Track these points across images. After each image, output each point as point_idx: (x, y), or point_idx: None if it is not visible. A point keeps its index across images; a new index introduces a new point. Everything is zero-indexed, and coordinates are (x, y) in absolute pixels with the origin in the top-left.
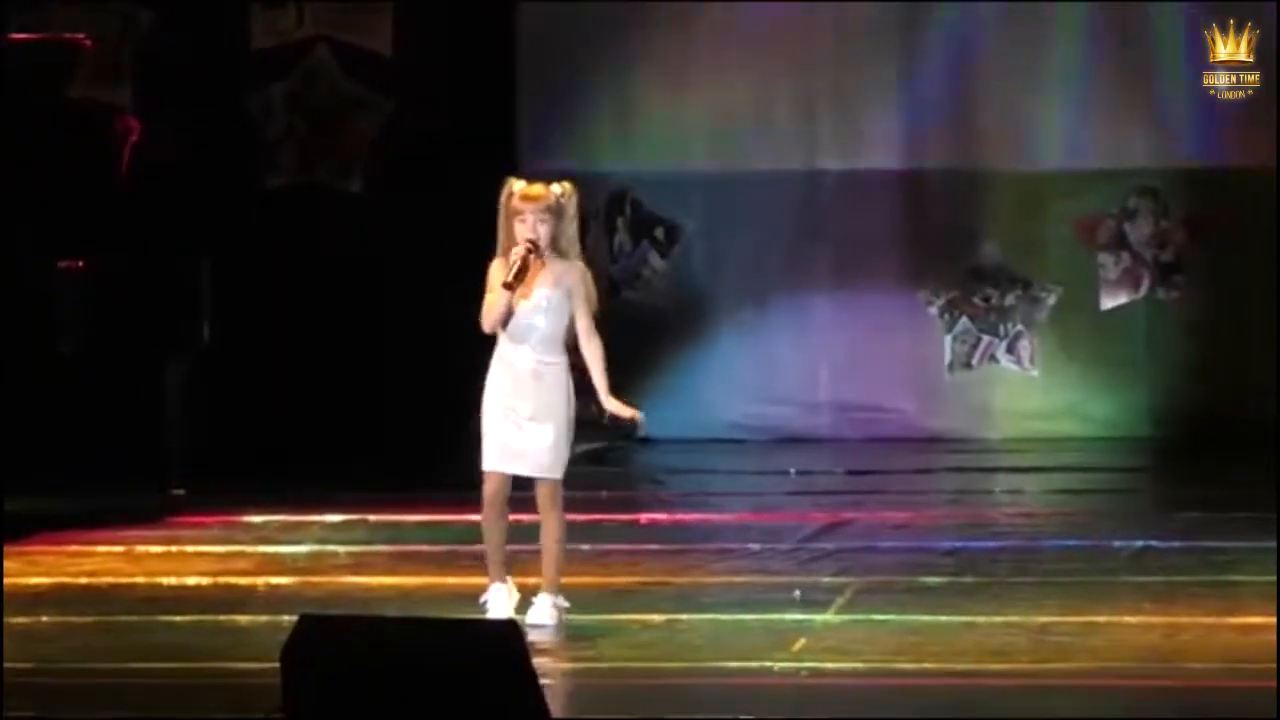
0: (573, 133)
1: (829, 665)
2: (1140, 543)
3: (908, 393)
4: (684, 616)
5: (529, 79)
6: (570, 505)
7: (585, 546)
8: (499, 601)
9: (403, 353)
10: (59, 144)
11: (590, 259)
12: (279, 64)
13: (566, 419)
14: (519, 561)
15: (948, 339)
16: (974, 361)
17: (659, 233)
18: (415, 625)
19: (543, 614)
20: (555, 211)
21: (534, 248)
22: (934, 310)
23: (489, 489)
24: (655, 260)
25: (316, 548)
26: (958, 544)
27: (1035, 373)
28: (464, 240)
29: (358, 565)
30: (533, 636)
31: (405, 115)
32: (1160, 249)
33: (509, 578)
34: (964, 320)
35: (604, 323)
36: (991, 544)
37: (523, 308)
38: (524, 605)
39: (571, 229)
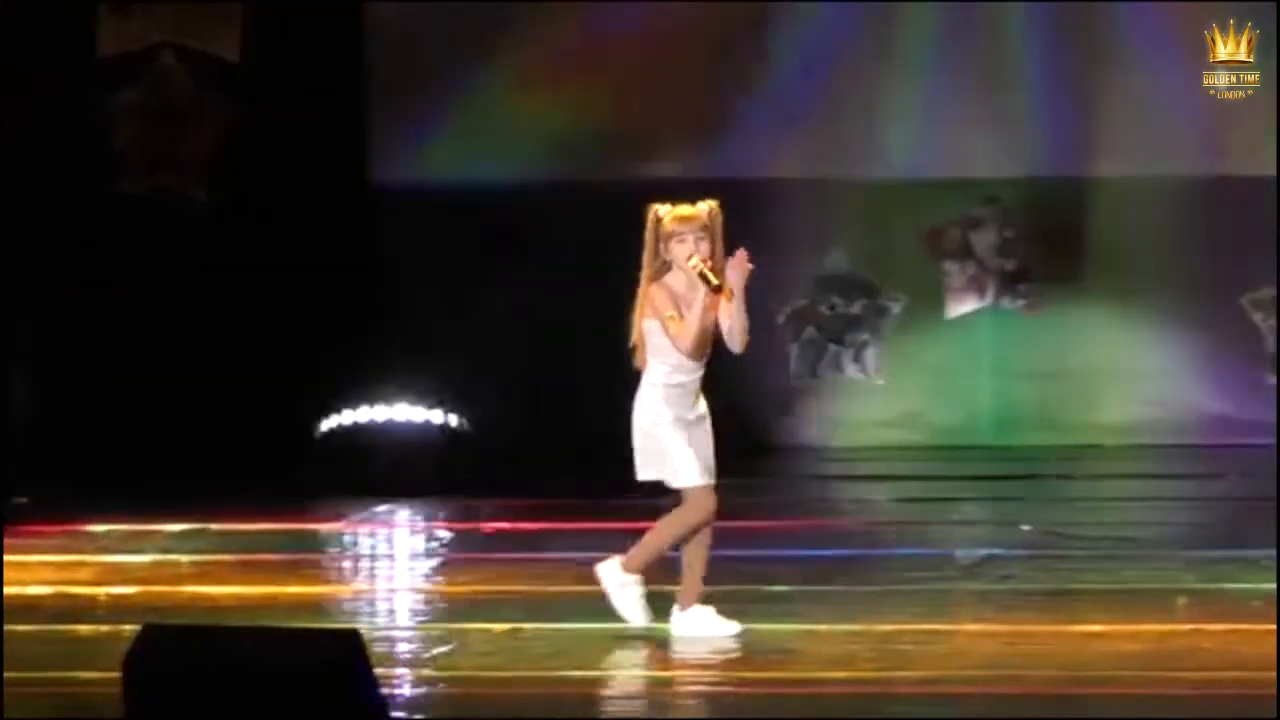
0: (422, 141)
1: (671, 673)
2: (983, 551)
3: (754, 400)
4: (528, 625)
5: (379, 86)
6: (413, 514)
7: (429, 555)
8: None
9: (249, 360)
10: None
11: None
12: (126, 71)
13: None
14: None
15: (794, 347)
16: (820, 370)
17: (506, 242)
18: (257, 635)
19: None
20: (710, 229)
21: (705, 260)
22: (781, 319)
23: (709, 502)
24: (504, 271)
25: (159, 557)
26: (802, 552)
27: (880, 381)
28: (311, 247)
29: (200, 574)
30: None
31: (253, 122)
32: (1005, 258)
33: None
34: (810, 329)
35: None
36: (835, 552)
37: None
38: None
39: (721, 246)
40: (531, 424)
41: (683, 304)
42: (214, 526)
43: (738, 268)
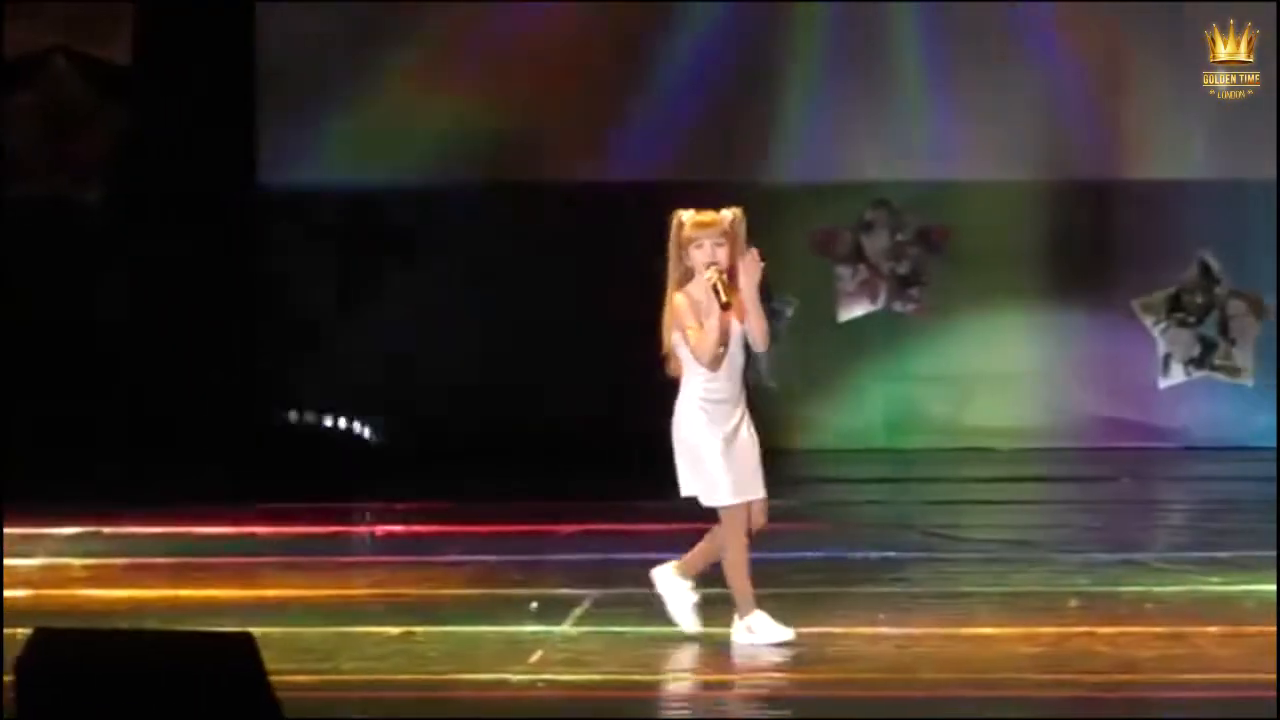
0: (312, 143)
1: (566, 677)
2: (876, 554)
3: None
4: (420, 628)
5: (269, 89)
6: (306, 517)
7: (323, 558)
8: (772, 622)
9: (140, 363)
10: None
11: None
12: (18, 74)
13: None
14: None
15: None
16: None
17: (397, 244)
18: (150, 638)
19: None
20: (730, 236)
21: (721, 270)
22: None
23: (744, 519)
24: (395, 274)
25: (50, 560)
26: None
27: (773, 384)
28: (203, 248)
29: (92, 578)
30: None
31: (145, 124)
32: (896, 261)
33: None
34: None
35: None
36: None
37: (726, 342)
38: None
39: (741, 252)
40: (423, 426)
41: (704, 313)
42: (106, 530)
43: (748, 270)
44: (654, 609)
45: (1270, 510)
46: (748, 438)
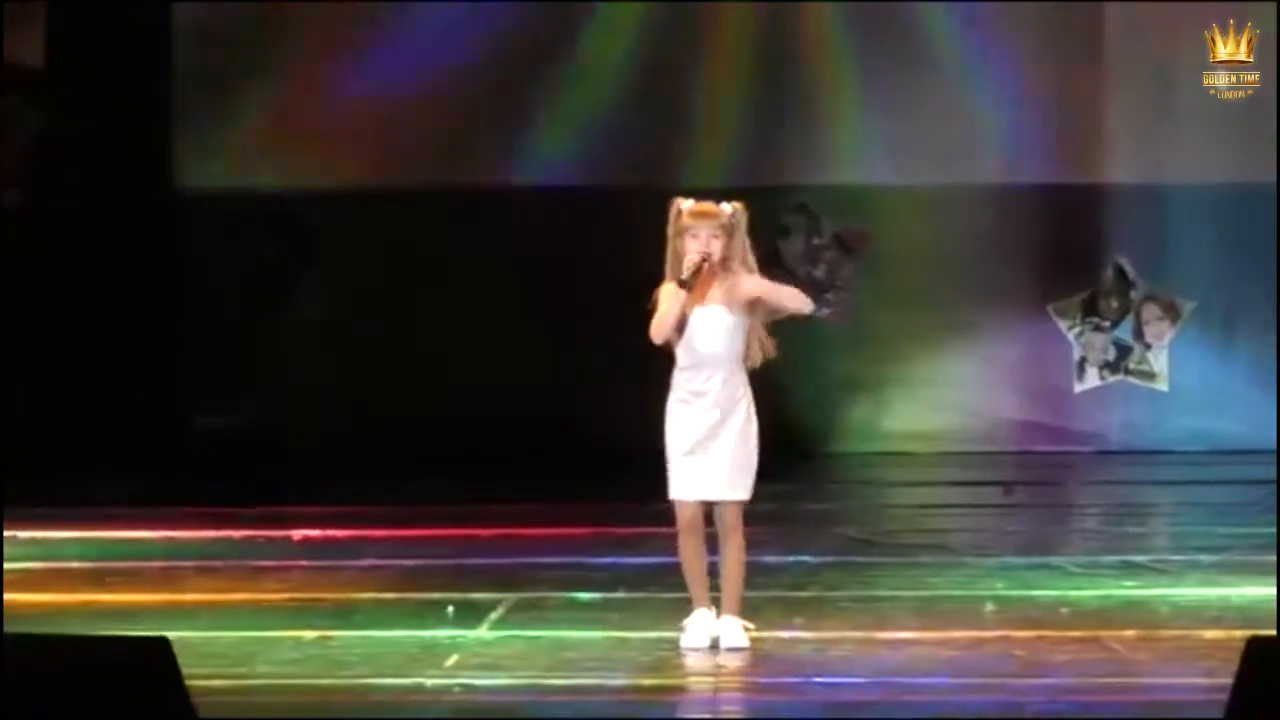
0: (229, 145)
1: (482, 681)
2: (793, 557)
3: (564, 408)
4: (336, 633)
5: (185, 89)
6: (224, 521)
7: (240, 563)
8: (697, 625)
9: (57, 364)
10: None
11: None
12: None
13: (751, 439)
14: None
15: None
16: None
17: (318, 249)
18: (66, 643)
19: (738, 636)
20: (727, 230)
21: (707, 258)
22: (595, 326)
23: (684, 518)
24: (308, 275)
25: None
26: (611, 560)
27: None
28: (120, 251)
29: (9, 582)
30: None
31: (61, 126)
32: (813, 265)
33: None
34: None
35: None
36: (645, 559)
37: (706, 332)
38: None
39: (743, 247)
40: (340, 430)
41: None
42: (21, 534)
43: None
44: (570, 613)
45: (1183, 514)
46: (727, 442)
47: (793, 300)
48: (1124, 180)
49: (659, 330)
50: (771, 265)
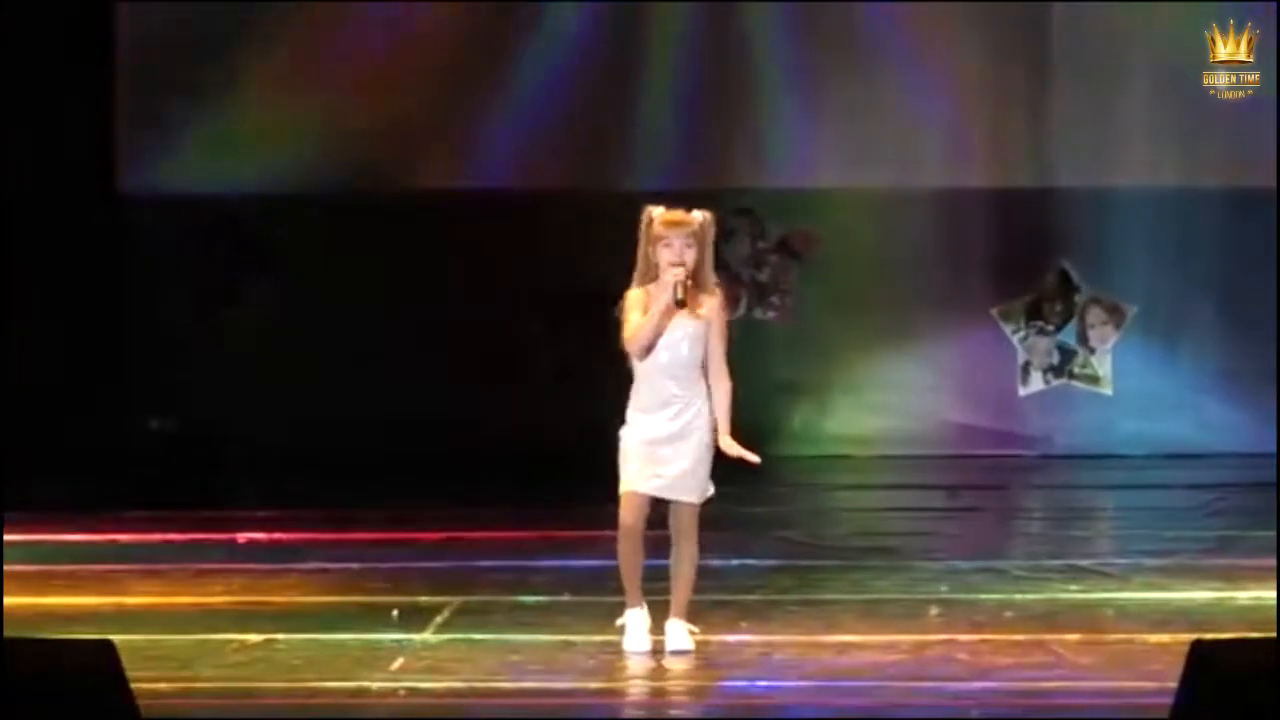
0: (173, 151)
1: (427, 685)
2: (737, 561)
3: (508, 408)
4: (281, 636)
5: (129, 92)
6: (169, 524)
7: (185, 566)
8: (638, 627)
9: (2, 369)
10: None
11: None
12: None
13: (707, 444)
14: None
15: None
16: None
17: (262, 253)
18: (9, 645)
19: (683, 639)
20: (699, 237)
21: (687, 273)
22: (538, 330)
23: (629, 512)
24: (258, 281)
25: None
26: (556, 563)
27: None
28: (64, 257)
29: None
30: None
31: (3, 127)
32: (757, 269)
33: (645, 602)
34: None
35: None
36: (590, 563)
37: (668, 343)
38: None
39: (710, 256)
40: (283, 433)
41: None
42: None
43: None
44: (515, 616)
45: (1127, 518)
46: (685, 445)
47: (719, 361)
48: (1069, 184)
49: (638, 343)
50: (716, 269)
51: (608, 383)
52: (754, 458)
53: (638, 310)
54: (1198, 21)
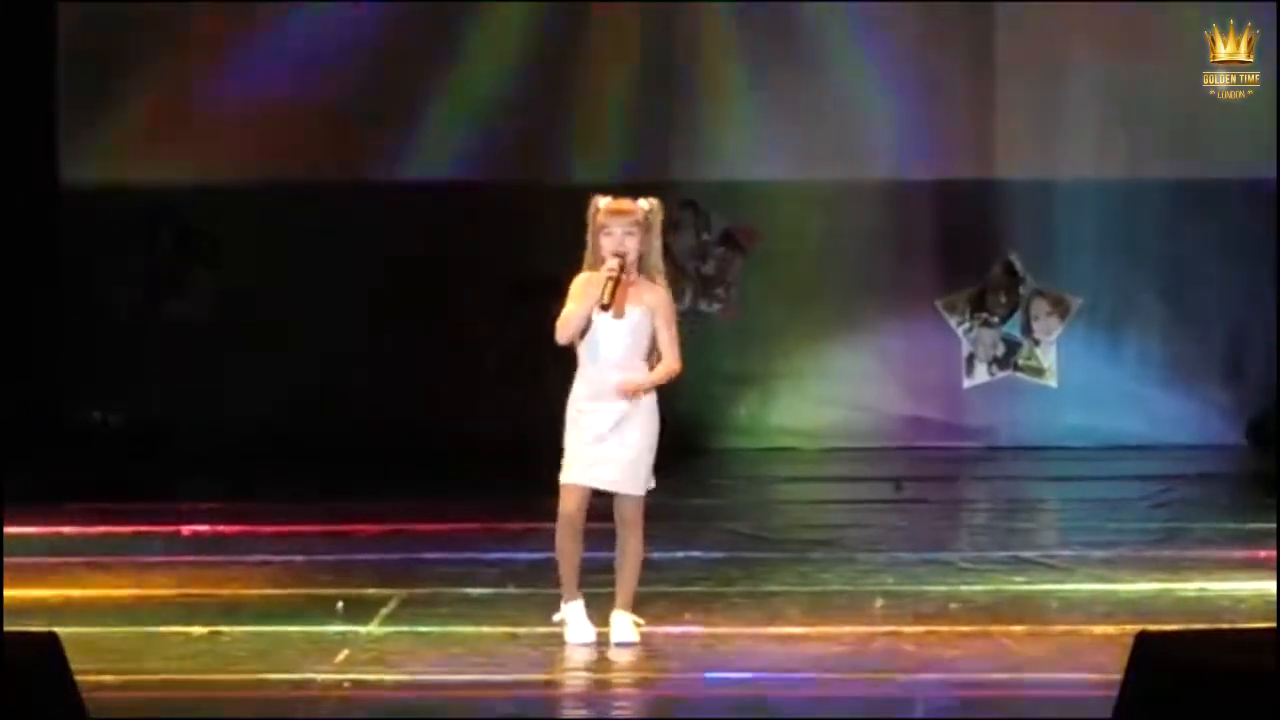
0: (116, 141)
1: (372, 677)
2: (682, 553)
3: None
4: (226, 628)
5: (70, 86)
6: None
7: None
8: (579, 619)
9: None
10: None
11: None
12: None
13: (650, 435)
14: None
15: (491, 354)
16: (517, 375)
17: (203, 245)
18: None
19: (628, 631)
20: (643, 226)
21: (622, 264)
22: (484, 322)
23: (569, 503)
24: (201, 273)
25: None
26: (502, 555)
27: None
28: (5, 247)
29: None
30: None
31: None
32: (701, 261)
33: (581, 594)
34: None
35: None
36: (535, 555)
37: (608, 332)
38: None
39: (657, 245)
40: (227, 426)
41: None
42: None
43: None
44: (460, 609)
45: (1072, 510)
46: (630, 432)
47: (667, 360)
48: (1013, 176)
49: (564, 332)
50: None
51: (552, 375)
52: (631, 390)
53: (576, 298)
54: (1142, 12)
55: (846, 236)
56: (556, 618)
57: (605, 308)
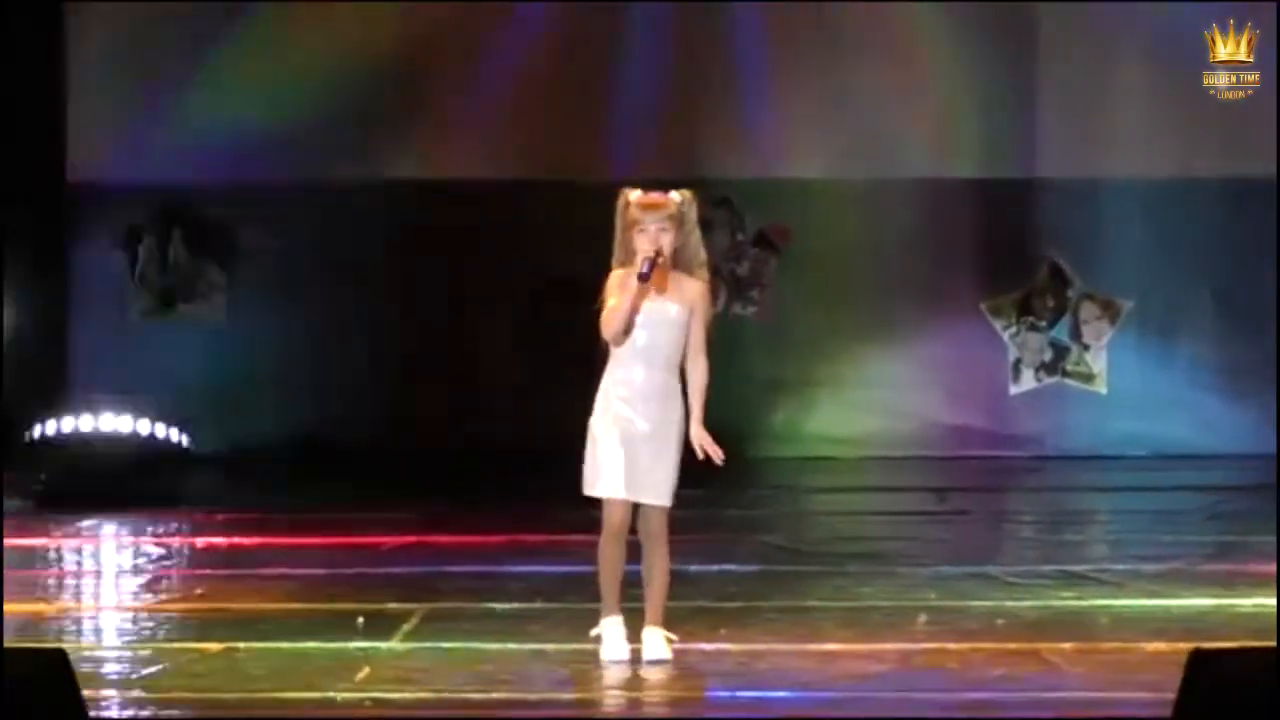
0: (126, 141)
1: (394, 695)
2: (716, 566)
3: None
4: (243, 645)
5: (80, 85)
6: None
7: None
8: (616, 636)
9: None
10: None
11: (145, 273)
12: None
13: (681, 446)
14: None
15: (521, 354)
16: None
17: (218, 244)
18: None
19: (660, 648)
20: (677, 220)
21: (660, 258)
22: (508, 326)
23: (614, 517)
24: (214, 273)
25: None
26: (528, 569)
27: None
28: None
29: None
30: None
31: None
32: (736, 263)
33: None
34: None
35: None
36: (562, 569)
37: (647, 325)
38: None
39: (694, 239)
40: (243, 431)
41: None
42: None
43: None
44: (485, 624)
45: (1123, 522)
46: (657, 444)
47: (698, 347)
48: (1059, 175)
49: (612, 326)
50: None
51: (578, 382)
52: (719, 455)
53: (616, 293)
54: (1190, 11)
55: (887, 236)
56: (594, 632)
57: (645, 278)
